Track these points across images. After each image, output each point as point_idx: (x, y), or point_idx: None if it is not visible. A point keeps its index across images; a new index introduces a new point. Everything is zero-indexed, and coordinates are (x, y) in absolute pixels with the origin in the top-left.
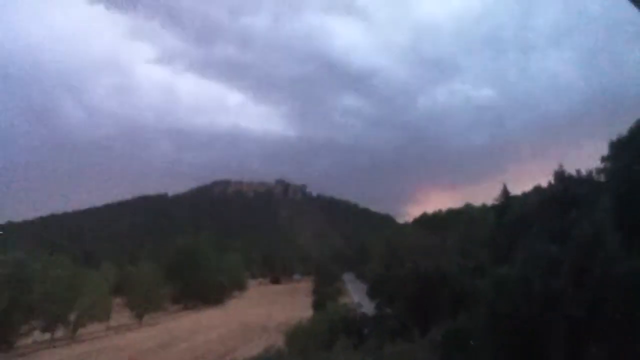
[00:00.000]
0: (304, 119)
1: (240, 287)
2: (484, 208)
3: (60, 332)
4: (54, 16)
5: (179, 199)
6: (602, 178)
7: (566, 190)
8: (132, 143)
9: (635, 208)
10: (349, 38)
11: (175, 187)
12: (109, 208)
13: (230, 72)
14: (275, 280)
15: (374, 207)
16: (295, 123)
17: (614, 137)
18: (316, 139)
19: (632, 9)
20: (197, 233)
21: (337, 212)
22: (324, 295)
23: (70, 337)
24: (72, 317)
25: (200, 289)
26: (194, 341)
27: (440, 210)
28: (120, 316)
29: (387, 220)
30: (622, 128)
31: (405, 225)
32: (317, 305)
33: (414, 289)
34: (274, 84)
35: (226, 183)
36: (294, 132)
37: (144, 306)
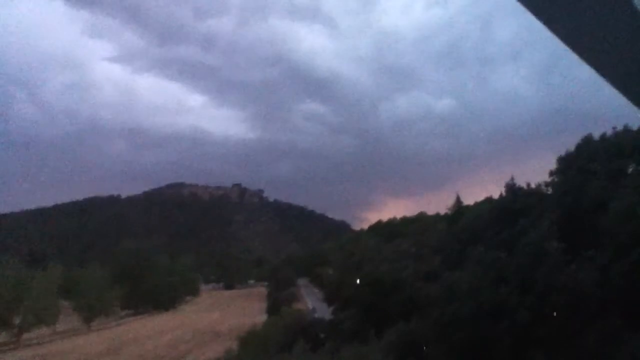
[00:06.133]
0: (266, 123)
1: (193, 292)
2: (437, 217)
3: (3, 337)
4: (10, 10)
5: (131, 201)
6: (550, 191)
7: (515, 201)
8: (86, 142)
9: (577, 220)
10: (313, 44)
11: (129, 188)
12: (58, 208)
13: (193, 73)
14: (229, 285)
15: (330, 214)
16: (256, 127)
17: (562, 152)
18: (277, 144)
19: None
20: (149, 236)
21: (293, 217)
22: (279, 301)
23: (14, 342)
24: (17, 320)
25: (151, 293)
26: (145, 346)
27: (395, 218)
28: (68, 320)
29: (342, 227)
30: (570, 142)
31: (361, 231)
32: (272, 310)
33: (369, 293)
34: (236, 86)
35: (181, 185)
36: (254, 135)
37: (92, 310)
